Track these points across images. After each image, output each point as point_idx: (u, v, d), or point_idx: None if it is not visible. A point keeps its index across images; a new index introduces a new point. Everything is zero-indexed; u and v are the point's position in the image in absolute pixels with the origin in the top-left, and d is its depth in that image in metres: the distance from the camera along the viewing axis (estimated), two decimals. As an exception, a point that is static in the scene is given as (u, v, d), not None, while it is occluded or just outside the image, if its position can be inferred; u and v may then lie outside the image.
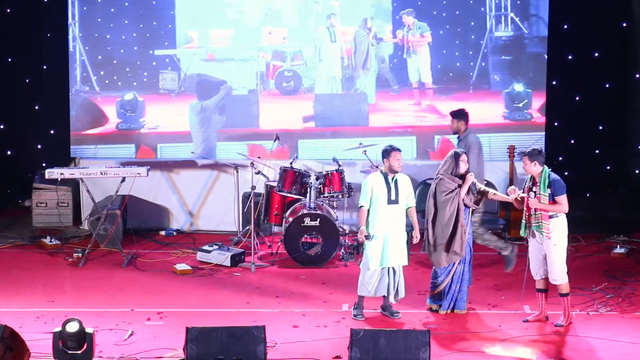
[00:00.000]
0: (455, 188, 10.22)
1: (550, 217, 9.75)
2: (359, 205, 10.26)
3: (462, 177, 10.25)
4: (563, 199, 9.76)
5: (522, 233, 10.05)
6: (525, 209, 9.90)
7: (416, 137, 14.15)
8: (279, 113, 14.25)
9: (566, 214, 9.87)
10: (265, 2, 14.14)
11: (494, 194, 10.42)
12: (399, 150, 10.20)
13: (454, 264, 10.30)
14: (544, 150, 10.03)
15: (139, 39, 14.12)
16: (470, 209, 10.34)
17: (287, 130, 13.97)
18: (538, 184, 9.78)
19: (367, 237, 10.12)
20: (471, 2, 14.08)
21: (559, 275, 9.86)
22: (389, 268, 10.20)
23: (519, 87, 14.09)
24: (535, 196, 9.78)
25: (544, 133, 14.04)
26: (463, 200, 10.24)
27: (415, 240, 10.27)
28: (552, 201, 9.74)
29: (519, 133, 14.15)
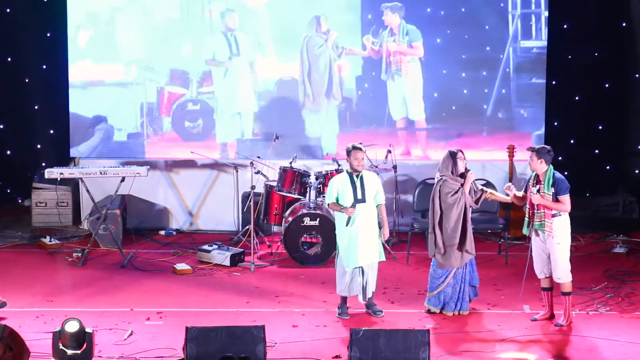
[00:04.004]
0: (459, 188, 10.17)
1: (553, 215, 9.76)
2: (327, 204, 10.27)
3: (462, 175, 10.23)
4: (566, 198, 9.77)
5: (524, 231, 10.04)
6: (528, 206, 9.89)
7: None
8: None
9: (568, 213, 9.89)
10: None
11: (491, 193, 10.39)
12: (359, 149, 10.10)
13: None
14: (552, 150, 9.93)
15: None
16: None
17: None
18: (542, 183, 9.79)
19: (353, 205, 10.03)
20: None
21: (563, 274, 9.88)
22: (360, 267, 10.21)
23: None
24: (537, 192, 9.77)
25: None
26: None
27: (384, 239, 10.30)
28: (555, 200, 9.75)
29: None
